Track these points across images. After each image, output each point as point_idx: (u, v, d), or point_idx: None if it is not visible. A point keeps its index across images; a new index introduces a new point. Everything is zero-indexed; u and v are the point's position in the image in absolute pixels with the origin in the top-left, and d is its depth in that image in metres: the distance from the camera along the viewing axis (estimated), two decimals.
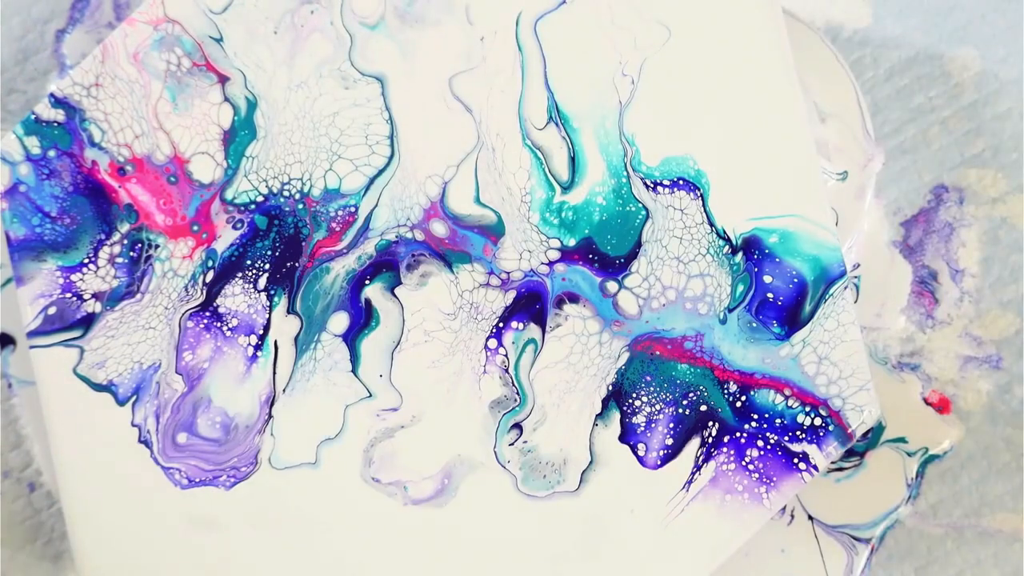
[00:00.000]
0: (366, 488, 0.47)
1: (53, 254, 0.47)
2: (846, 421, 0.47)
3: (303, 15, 0.47)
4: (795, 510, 0.50)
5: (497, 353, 0.47)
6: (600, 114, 0.47)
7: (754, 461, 0.47)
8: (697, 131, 0.47)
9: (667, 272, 0.47)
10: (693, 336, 0.47)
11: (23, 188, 0.47)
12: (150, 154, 0.47)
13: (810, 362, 0.47)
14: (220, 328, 0.47)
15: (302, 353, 0.47)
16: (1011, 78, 0.53)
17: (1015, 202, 0.52)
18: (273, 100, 0.47)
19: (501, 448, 0.47)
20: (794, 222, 0.47)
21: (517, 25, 0.47)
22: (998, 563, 0.51)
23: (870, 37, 0.54)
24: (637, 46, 0.47)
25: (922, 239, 0.52)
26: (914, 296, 0.52)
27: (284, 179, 0.47)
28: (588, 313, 0.47)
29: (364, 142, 0.47)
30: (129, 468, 0.47)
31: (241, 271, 0.47)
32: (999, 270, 0.52)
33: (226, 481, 0.47)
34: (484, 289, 0.47)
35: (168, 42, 0.47)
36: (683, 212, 0.47)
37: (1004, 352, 0.52)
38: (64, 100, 0.47)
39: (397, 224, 0.47)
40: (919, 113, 0.53)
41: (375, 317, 0.47)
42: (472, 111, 0.47)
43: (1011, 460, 0.51)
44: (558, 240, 0.47)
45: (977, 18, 0.54)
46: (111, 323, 0.47)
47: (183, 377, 0.47)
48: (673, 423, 0.47)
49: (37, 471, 0.51)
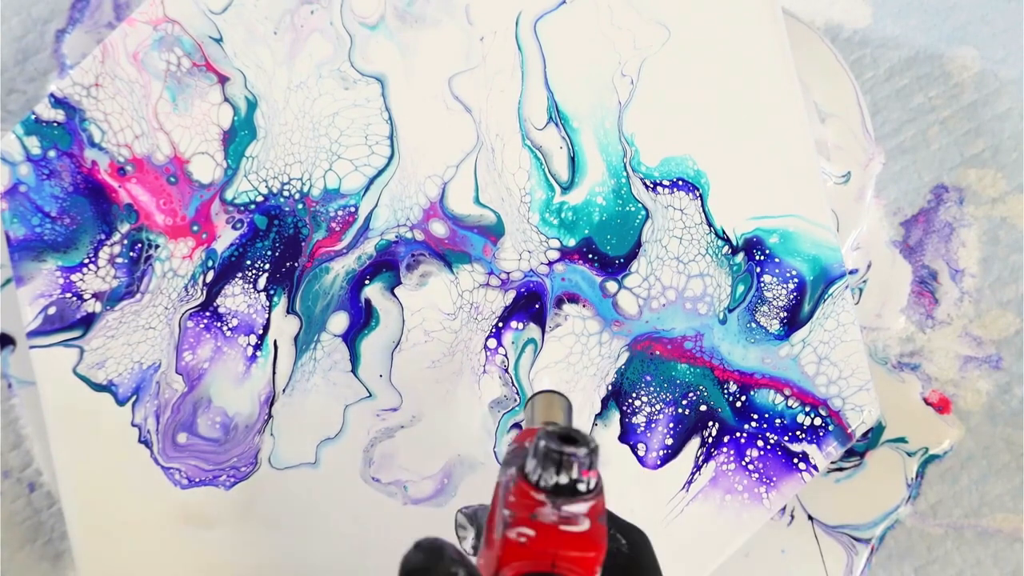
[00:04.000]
0: (366, 488, 0.47)
1: (53, 254, 0.47)
2: (846, 421, 0.47)
3: (303, 15, 0.47)
4: (795, 510, 0.50)
5: (497, 353, 0.47)
6: (600, 114, 0.47)
7: (754, 461, 0.47)
8: (697, 131, 0.47)
9: (667, 272, 0.47)
10: (693, 336, 0.47)
11: (23, 188, 0.47)
12: (150, 154, 0.47)
13: (810, 362, 0.47)
14: (220, 328, 0.47)
15: (302, 353, 0.47)
16: (1011, 78, 0.53)
17: (1015, 202, 0.52)
18: (273, 100, 0.47)
19: (501, 448, 0.47)
20: (794, 222, 0.47)
21: (517, 25, 0.47)
22: (998, 563, 0.51)
23: (870, 37, 0.54)
24: (637, 46, 0.47)
25: (922, 239, 0.52)
26: (914, 296, 0.52)
27: (284, 179, 0.47)
28: (588, 313, 0.47)
29: (364, 142, 0.47)
30: (129, 468, 0.47)
31: (241, 271, 0.47)
32: (999, 270, 0.52)
33: (226, 481, 0.47)
34: (484, 289, 0.47)
35: (168, 42, 0.47)
36: (683, 212, 0.47)
37: (1004, 352, 0.52)
38: (64, 100, 0.47)
39: (397, 224, 0.47)
40: (919, 113, 0.53)
41: (375, 317, 0.47)
42: (472, 111, 0.47)
43: (1011, 460, 0.51)
44: (558, 240, 0.47)
45: (977, 18, 0.54)
46: (111, 323, 0.47)
47: (183, 377, 0.47)
48: (673, 423, 0.47)
49: (37, 471, 0.51)
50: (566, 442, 0.29)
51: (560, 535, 0.29)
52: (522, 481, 0.30)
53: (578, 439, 0.30)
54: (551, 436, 0.30)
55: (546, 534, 0.29)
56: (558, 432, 0.30)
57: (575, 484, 0.29)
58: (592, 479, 0.30)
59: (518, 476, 0.30)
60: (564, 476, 0.29)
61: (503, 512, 0.30)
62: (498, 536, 0.30)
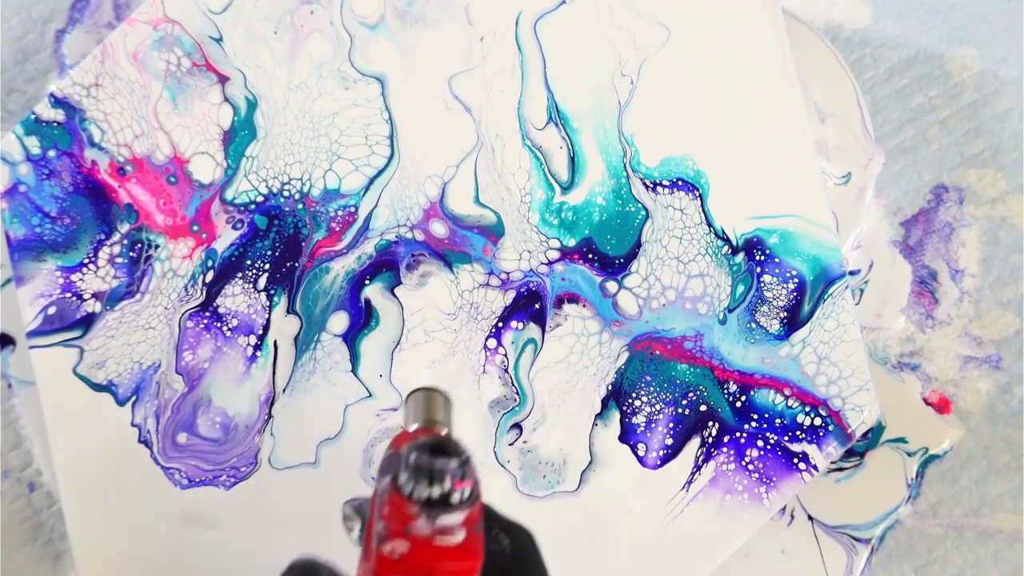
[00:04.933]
0: (366, 488, 0.47)
1: (53, 254, 0.47)
2: (846, 421, 0.47)
3: (303, 15, 0.47)
4: (795, 510, 0.50)
5: (497, 353, 0.47)
6: (600, 114, 0.47)
7: (754, 461, 0.47)
8: (696, 131, 0.47)
9: (667, 272, 0.47)
10: (693, 336, 0.47)
11: (23, 188, 0.47)
12: (150, 154, 0.47)
13: (810, 362, 0.47)
14: (220, 328, 0.47)
15: (302, 353, 0.47)
16: (1011, 78, 0.53)
17: (1015, 202, 0.52)
18: (273, 100, 0.47)
19: (501, 448, 0.47)
20: (794, 222, 0.47)
21: (517, 25, 0.47)
22: (998, 563, 0.51)
23: (870, 37, 0.54)
24: (636, 46, 0.47)
25: (922, 239, 0.52)
26: (914, 296, 0.52)
27: (284, 179, 0.47)
28: (588, 313, 0.47)
29: (364, 142, 0.47)
30: (129, 468, 0.47)
31: (241, 271, 0.47)
32: (999, 270, 0.52)
33: (226, 481, 0.47)
34: (484, 289, 0.47)
35: (168, 42, 0.47)
36: (683, 212, 0.47)
37: (1004, 352, 0.52)
38: (64, 100, 0.47)
39: (397, 224, 0.47)
40: (919, 113, 0.53)
41: (375, 317, 0.47)
42: (472, 111, 0.47)
43: (1011, 460, 0.51)
44: (558, 240, 0.47)
45: (977, 18, 0.54)
46: (111, 323, 0.47)
47: (183, 377, 0.47)
48: (673, 423, 0.47)
49: (37, 471, 0.51)
50: (437, 453, 0.29)
51: (435, 549, 0.29)
52: (395, 494, 0.29)
53: (450, 450, 0.29)
54: (422, 449, 0.29)
55: (421, 548, 0.29)
56: (429, 443, 0.29)
57: (448, 496, 0.29)
58: (467, 489, 0.29)
59: (391, 488, 0.30)
60: (437, 489, 0.29)
61: (378, 525, 0.29)
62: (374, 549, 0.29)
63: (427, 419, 0.35)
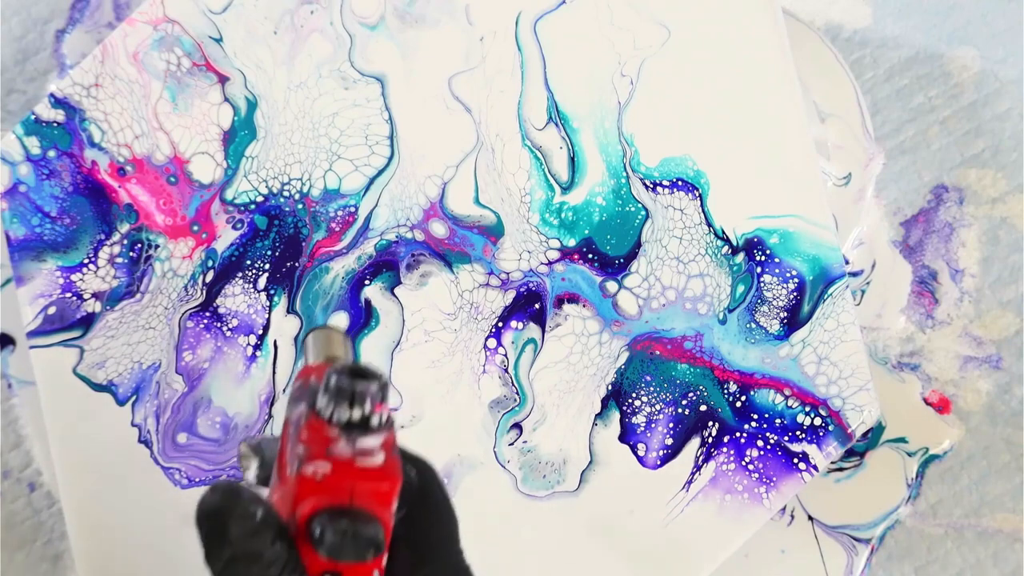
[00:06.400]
0: None
1: (53, 254, 0.47)
2: (846, 421, 0.47)
3: (303, 15, 0.47)
4: (795, 510, 0.50)
5: (497, 353, 0.47)
6: (599, 114, 0.47)
7: (754, 461, 0.47)
8: (696, 131, 0.47)
9: (667, 272, 0.47)
10: (693, 336, 0.47)
11: (23, 188, 0.47)
12: (150, 154, 0.47)
13: (810, 362, 0.47)
14: (220, 328, 0.47)
15: (302, 353, 0.47)
16: (1011, 78, 0.53)
17: (1015, 202, 0.52)
18: (273, 100, 0.47)
19: (501, 448, 0.47)
20: (794, 222, 0.47)
21: (517, 25, 0.47)
22: (998, 563, 0.51)
23: (870, 37, 0.54)
24: (637, 46, 0.47)
25: (922, 239, 0.52)
26: (914, 296, 0.52)
27: (284, 179, 0.47)
28: (588, 313, 0.47)
29: (364, 142, 0.47)
30: (129, 468, 0.47)
31: (241, 271, 0.47)
32: (999, 270, 0.52)
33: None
34: (484, 289, 0.47)
35: (168, 42, 0.47)
36: (682, 212, 0.47)
37: (1004, 352, 0.52)
38: (64, 100, 0.47)
39: (397, 224, 0.47)
40: (919, 113, 0.53)
41: (375, 317, 0.47)
42: (472, 111, 0.47)
43: (1011, 460, 0.51)
44: (558, 240, 0.47)
45: (977, 18, 0.54)
46: (111, 323, 0.47)
47: (183, 377, 0.47)
48: (673, 423, 0.47)
49: (37, 471, 0.51)
50: (357, 377, 0.29)
51: (356, 469, 0.30)
52: (314, 418, 0.30)
53: (368, 374, 0.30)
54: (342, 372, 0.30)
55: (342, 469, 0.29)
56: (348, 368, 0.30)
57: (368, 418, 0.30)
58: (385, 412, 0.30)
59: (310, 413, 0.30)
60: (357, 411, 0.29)
61: (297, 448, 0.30)
62: (292, 473, 0.30)
63: (328, 355, 0.35)
